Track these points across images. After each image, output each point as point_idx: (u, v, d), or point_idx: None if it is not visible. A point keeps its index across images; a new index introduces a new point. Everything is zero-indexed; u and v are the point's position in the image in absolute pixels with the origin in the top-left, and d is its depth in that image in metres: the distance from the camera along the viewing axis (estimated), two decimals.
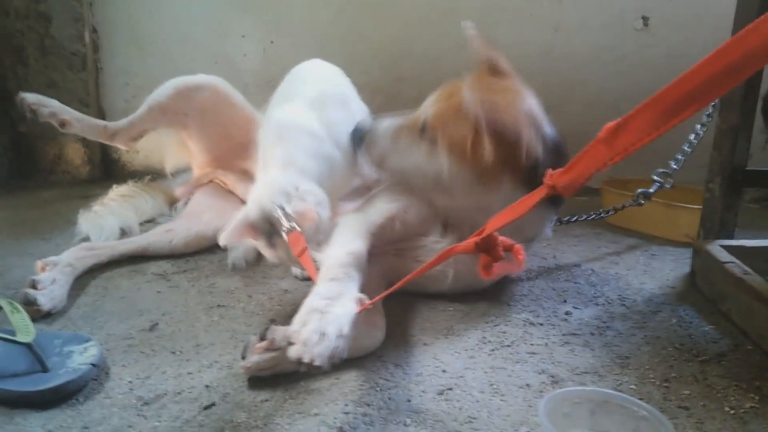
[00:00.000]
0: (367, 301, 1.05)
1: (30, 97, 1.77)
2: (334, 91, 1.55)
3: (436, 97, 1.37)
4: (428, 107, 1.34)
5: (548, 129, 1.32)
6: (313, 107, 1.43)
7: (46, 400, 0.97)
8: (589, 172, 0.81)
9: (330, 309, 0.97)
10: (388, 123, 1.39)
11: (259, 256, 1.71)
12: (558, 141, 1.35)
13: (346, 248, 1.19)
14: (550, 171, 0.87)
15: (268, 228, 1.19)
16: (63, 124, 1.79)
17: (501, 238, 0.91)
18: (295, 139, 1.34)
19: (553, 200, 1.35)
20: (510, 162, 1.23)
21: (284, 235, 1.15)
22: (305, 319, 0.95)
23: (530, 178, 1.26)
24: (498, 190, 1.26)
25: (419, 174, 1.34)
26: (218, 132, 1.90)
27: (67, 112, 1.80)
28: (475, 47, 1.46)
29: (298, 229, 1.14)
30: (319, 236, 1.24)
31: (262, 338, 1.05)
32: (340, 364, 1.07)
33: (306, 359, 0.89)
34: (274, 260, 1.26)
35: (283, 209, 1.17)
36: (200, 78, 1.88)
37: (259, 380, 1.04)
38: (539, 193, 0.88)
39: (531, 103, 1.32)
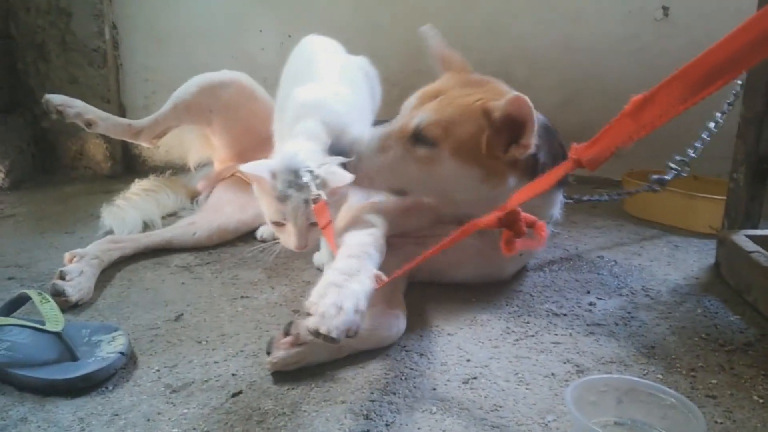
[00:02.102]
0: (385, 279, 1.06)
1: (55, 99, 1.78)
2: (344, 66, 1.60)
3: (419, 101, 1.32)
4: (416, 112, 1.29)
5: (537, 115, 1.33)
6: (329, 83, 1.45)
7: (76, 388, 0.99)
8: (614, 145, 0.79)
9: (347, 284, 0.99)
10: (369, 137, 1.30)
11: None
12: (545, 123, 1.35)
13: (366, 229, 1.20)
14: (574, 145, 0.86)
15: (287, 180, 1.17)
16: (89, 123, 1.80)
17: (523, 214, 0.90)
18: (319, 115, 1.32)
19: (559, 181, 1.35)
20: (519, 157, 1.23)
21: (308, 201, 1.15)
22: (323, 292, 0.96)
23: (532, 166, 1.26)
24: (504, 184, 1.26)
25: (419, 184, 1.30)
26: (241, 127, 1.91)
27: (92, 112, 1.81)
28: (438, 50, 1.46)
29: (325, 197, 1.14)
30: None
31: (287, 333, 1.06)
32: (362, 354, 1.10)
33: (323, 331, 0.90)
34: (275, 217, 1.21)
35: (311, 173, 1.17)
36: (224, 74, 1.89)
37: None
38: (564, 168, 0.87)
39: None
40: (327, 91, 1.40)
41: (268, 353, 1.05)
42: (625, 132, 0.77)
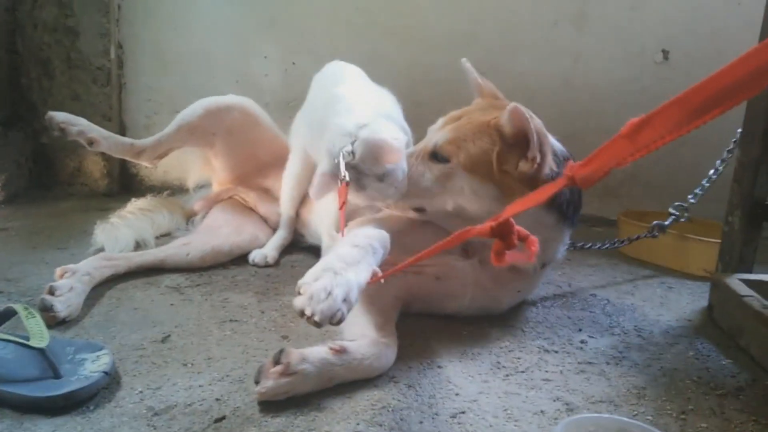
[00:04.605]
0: (380, 275, 1.08)
1: (59, 116, 1.76)
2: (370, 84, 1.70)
3: (441, 124, 1.39)
4: (436, 133, 1.35)
5: (556, 143, 1.36)
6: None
7: (57, 406, 0.97)
8: (609, 165, 0.80)
9: (343, 272, 1.00)
10: None
11: (279, 257, 1.78)
12: (566, 154, 1.36)
13: (374, 226, 1.23)
14: (570, 163, 0.87)
15: (351, 175, 1.26)
16: (91, 142, 1.79)
17: (517, 227, 0.90)
18: (357, 99, 1.44)
19: (568, 222, 1.34)
20: (531, 176, 1.24)
21: (381, 176, 1.26)
22: (318, 274, 0.98)
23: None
24: None
25: (437, 201, 1.33)
26: (244, 151, 1.93)
27: (95, 131, 1.81)
28: (473, 78, 1.50)
29: (347, 180, 1.22)
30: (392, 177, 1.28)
31: (276, 362, 1.03)
32: (350, 384, 1.08)
33: (307, 312, 0.92)
34: (366, 203, 1.36)
35: (346, 153, 1.25)
36: (230, 99, 1.91)
37: None
38: (558, 184, 0.88)
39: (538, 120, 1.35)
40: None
41: (257, 382, 1.02)
42: (621, 153, 0.78)
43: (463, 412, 1.02)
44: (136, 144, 1.86)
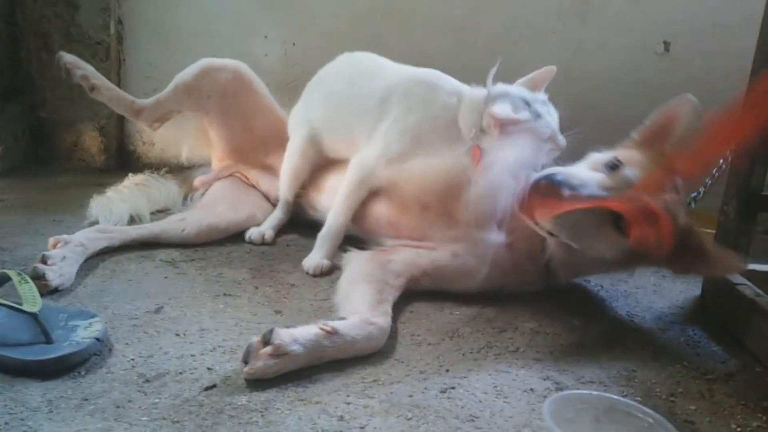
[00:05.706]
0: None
1: (67, 57, 1.82)
2: None
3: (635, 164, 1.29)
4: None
5: None
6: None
7: (48, 370, 0.97)
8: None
9: None
10: (596, 180, 1.27)
11: (275, 236, 1.76)
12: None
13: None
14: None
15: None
16: (93, 88, 1.82)
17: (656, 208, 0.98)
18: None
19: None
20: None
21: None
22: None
23: None
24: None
25: (592, 243, 1.29)
26: (239, 122, 1.93)
27: (99, 78, 1.85)
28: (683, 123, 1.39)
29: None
30: None
31: (266, 342, 1.01)
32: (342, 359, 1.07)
33: None
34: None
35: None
36: (225, 60, 1.96)
37: None
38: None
39: None
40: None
41: (245, 362, 1.00)
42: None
43: (453, 388, 1.02)
44: (136, 102, 1.90)
